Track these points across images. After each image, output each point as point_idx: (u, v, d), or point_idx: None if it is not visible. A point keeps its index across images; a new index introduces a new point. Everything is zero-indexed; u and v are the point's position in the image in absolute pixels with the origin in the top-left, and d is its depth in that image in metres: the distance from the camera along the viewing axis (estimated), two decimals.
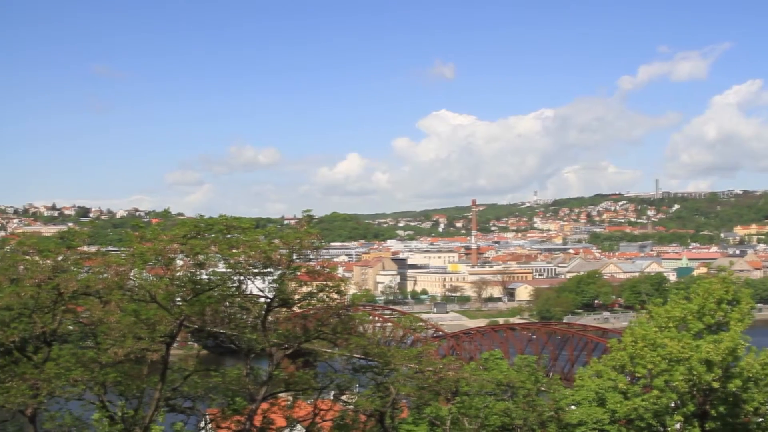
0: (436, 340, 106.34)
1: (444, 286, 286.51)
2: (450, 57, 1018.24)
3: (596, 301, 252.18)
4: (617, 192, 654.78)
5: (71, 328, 31.24)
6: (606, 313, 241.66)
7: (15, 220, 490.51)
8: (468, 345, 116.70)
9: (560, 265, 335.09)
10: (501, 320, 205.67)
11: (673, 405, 36.00)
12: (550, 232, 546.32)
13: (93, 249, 37.21)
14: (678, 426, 37.10)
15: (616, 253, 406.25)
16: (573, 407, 41.38)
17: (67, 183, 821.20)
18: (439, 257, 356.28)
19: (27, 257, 28.09)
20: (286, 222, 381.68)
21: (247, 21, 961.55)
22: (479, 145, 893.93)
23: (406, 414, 40.53)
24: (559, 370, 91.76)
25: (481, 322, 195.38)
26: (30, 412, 26.73)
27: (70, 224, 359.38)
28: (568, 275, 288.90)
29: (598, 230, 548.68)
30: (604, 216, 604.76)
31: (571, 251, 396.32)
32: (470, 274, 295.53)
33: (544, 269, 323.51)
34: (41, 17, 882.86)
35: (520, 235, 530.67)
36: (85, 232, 32.21)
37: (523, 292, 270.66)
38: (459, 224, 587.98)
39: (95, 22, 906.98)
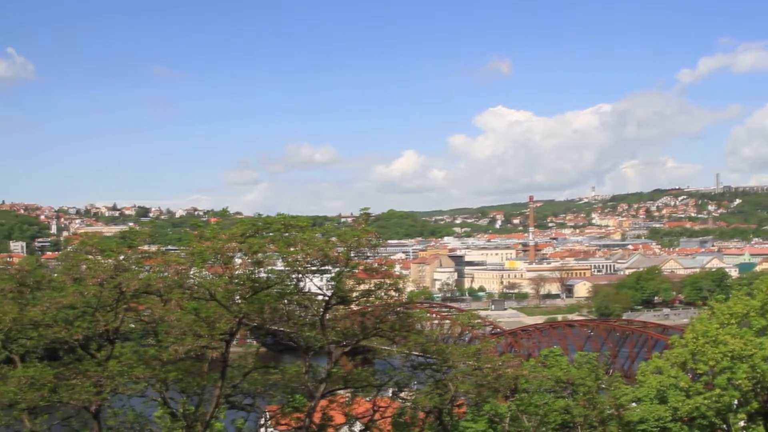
0: (494, 337, 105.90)
1: (501, 282, 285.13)
2: (506, 52, 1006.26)
3: (656, 298, 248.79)
4: (677, 187, 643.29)
5: (132, 326, 31.64)
6: (666, 310, 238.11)
7: (77, 221, 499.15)
8: (526, 342, 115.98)
9: (619, 261, 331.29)
10: (559, 317, 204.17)
11: (736, 403, 35.47)
12: (609, 228, 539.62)
13: (153, 248, 37.66)
14: (741, 424, 36.56)
15: (676, 249, 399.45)
16: (634, 404, 40.95)
17: (127, 183, 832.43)
18: (497, 254, 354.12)
19: (89, 257, 28.47)
20: (343, 220, 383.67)
21: (303, 19, 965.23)
22: (536, 141, 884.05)
23: (464, 411, 40.46)
24: (619, 367, 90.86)
25: (539, 319, 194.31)
26: (94, 408, 27.16)
27: (131, 224, 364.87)
28: (627, 271, 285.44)
29: (657, 226, 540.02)
30: (664, 211, 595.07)
31: (630, 247, 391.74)
32: (528, 270, 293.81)
33: (603, 265, 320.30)
34: (100, 19, 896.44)
35: (577, 231, 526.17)
36: (145, 232, 32.63)
37: (582, 289, 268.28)
38: (516, 221, 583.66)
39: (153, 22, 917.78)
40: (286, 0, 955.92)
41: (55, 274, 35.67)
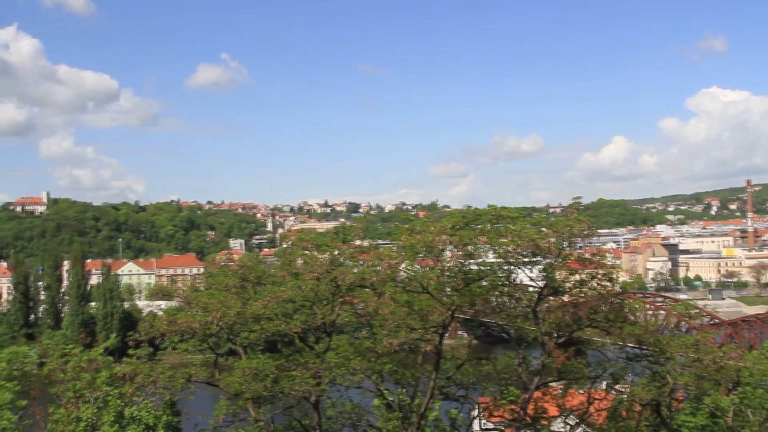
0: (712, 327, 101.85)
1: (719, 271, 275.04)
2: (721, 29, 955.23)
3: None
4: None
5: (346, 319, 32.36)
6: None
7: (291, 218, 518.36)
8: (747, 333, 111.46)
9: None
10: None
11: None
12: None
13: (365, 243, 38.44)
14: None
15: None
16: None
17: (338, 180, 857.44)
18: (713, 241, 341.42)
19: (306, 252, 29.38)
20: (551, 210, 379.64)
21: (501, 10, 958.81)
22: (755, 122, 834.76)
23: (682, 405, 39.21)
24: None
25: (760, 309, 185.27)
26: (313, 399, 28.08)
27: (342, 220, 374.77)
28: None
29: None
30: None
31: None
32: (747, 258, 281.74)
33: None
34: (306, 21, 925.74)
35: None
36: (358, 227, 33.29)
37: None
38: (733, 206, 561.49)
39: (355, 21, 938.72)
40: None
41: (273, 270, 36.96)
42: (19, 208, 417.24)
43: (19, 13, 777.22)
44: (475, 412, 34.46)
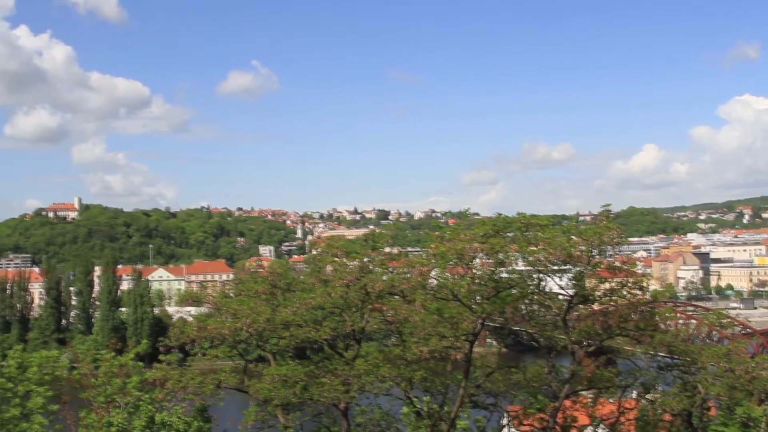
0: (744, 337, 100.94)
1: (750, 280, 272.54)
2: (754, 36, 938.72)
3: None
4: None
5: (375, 326, 32.34)
6: None
7: (320, 225, 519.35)
8: None
9: None
10: None
11: None
12: None
13: (394, 250, 38.42)
14: None
15: None
16: None
17: (367, 187, 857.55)
18: (745, 250, 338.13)
19: (336, 259, 29.42)
20: (581, 218, 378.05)
21: (531, 18, 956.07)
22: None
23: (714, 414, 38.85)
24: None
25: None
26: (343, 406, 28.09)
27: (371, 227, 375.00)
28: None
29: None
30: None
31: None
32: None
33: None
34: (335, 28, 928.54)
35: None
36: (388, 234, 33.34)
37: None
38: (765, 215, 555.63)
39: (388, 29, 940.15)
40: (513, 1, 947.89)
41: (302, 277, 37.06)
42: (51, 214, 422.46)
43: (52, 20, 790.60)
44: (505, 421, 34.33)
